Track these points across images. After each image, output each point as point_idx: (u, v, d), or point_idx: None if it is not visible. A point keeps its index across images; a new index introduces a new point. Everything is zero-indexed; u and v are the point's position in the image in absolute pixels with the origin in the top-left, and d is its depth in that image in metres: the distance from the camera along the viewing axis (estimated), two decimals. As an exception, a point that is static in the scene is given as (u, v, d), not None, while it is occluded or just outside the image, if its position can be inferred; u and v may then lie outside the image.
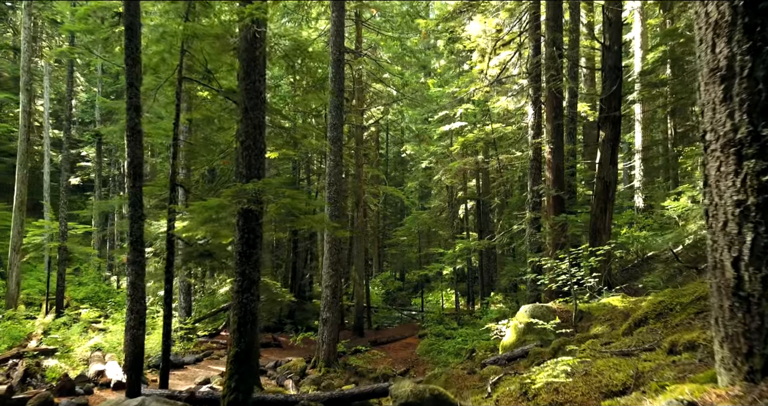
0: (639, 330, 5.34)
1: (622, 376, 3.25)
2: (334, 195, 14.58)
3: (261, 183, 6.62)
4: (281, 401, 8.26)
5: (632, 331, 5.71)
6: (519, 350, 7.93)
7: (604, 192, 12.44)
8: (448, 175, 24.37)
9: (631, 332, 5.69)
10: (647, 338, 4.79)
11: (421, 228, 29.64)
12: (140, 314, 8.20)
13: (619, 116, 12.66)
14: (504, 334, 10.17)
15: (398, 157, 42.41)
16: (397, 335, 21.48)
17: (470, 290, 25.85)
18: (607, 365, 3.58)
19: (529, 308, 8.80)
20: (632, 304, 8.24)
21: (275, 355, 17.02)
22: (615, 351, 4.41)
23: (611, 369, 3.43)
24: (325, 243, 14.62)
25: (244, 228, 6.96)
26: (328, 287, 14.57)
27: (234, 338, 6.82)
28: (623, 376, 3.25)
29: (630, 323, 5.85)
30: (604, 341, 5.29)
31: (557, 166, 13.00)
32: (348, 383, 13.73)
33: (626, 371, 3.33)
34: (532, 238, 13.04)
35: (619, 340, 5.22)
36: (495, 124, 21.23)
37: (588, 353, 4.58)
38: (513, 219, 21.96)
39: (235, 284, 7.01)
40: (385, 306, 30.54)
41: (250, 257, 6.98)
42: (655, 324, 5.37)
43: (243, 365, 6.77)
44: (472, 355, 15.56)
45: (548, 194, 12.80)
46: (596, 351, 4.68)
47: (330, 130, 14.74)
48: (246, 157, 7.08)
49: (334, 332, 14.56)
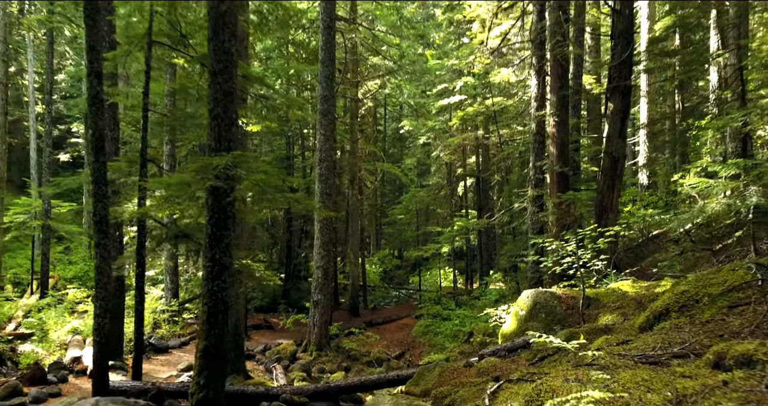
0: (661, 326, 4.62)
1: (658, 400, 2.53)
2: (325, 172, 13.79)
3: (230, 157, 5.84)
4: (262, 394, 7.62)
5: (651, 325, 4.99)
6: (521, 340, 7.25)
7: (611, 168, 11.67)
8: (446, 152, 23.53)
9: (650, 327, 4.98)
10: (673, 337, 4.06)
11: (419, 206, 28.93)
12: (106, 302, 7.48)
13: (629, 86, 11.80)
14: (504, 320, 9.50)
15: (396, 134, 41.44)
16: (394, 316, 20.93)
17: (469, 269, 25.25)
18: (635, 380, 2.87)
19: (532, 293, 8.10)
20: (645, 290, 7.54)
21: (266, 337, 16.45)
22: (638, 356, 3.69)
23: (641, 388, 2.72)
24: (316, 222, 13.89)
25: (214, 207, 6.20)
26: (319, 268, 13.89)
27: (203, 330, 6.12)
28: (659, 400, 2.53)
29: (648, 315, 5.12)
30: (620, 338, 4.58)
31: (562, 140, 12.19)
32: (340, 367, 13.18)
33: (662, 392, 2.61)
34: (534, 217, 12.30)
35: (638, 338, 4.50)
36: (496, 98, 20.33)
37: (604, 357, 3.87)
38: (514, 197, 21.20)
39: (205, 270, 6.28)
40: (383, 285, 30.00)
41: (221, 239, 6.24)
42: (679, 319, 4.65)
43: (213, 360, 6.08)
44: (470, 338, 14.97)
45: (552, 171, 12.02)
46: (613, 354, 3.96)
47: (320, 103, 13.88)
48: (215, 127, 6.27)
49: (326, 314, 13.94)
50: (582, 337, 6.15)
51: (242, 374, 10.77)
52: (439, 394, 5.83)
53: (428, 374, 6.82)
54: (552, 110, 12.15)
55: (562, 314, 7.59)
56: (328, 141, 13.91)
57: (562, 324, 7.49)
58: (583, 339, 6.05)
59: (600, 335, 5.97)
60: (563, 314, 7.59)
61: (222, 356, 6.18)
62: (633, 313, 6.71)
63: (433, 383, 6.47)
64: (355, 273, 21.42)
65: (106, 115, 11.78)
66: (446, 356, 13.28)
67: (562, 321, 7.52)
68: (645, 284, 7.95)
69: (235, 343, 10.74)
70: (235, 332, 10.75)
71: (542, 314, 7.72)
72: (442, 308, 19.55)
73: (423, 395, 6.31)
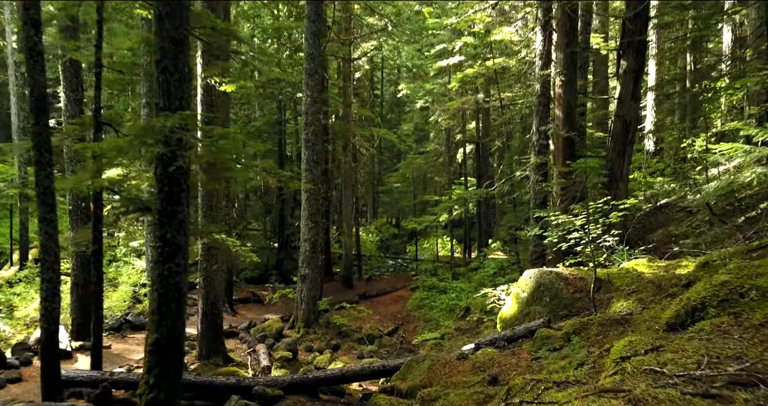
0: (699, 327, 3.73)
1: None
2: (312, 137, 12.76)
3: (178, 117, 4.85)
4: (232, 386, 6.83)
5: (684, 323, 4.10)
6: (522, 328, 6.41)
7: (622, 133, 10.66)
8: (445, 116, 22.35)
9: (682, 325, 4.09)
10: (721, 347, 3.17)
11: (417, 174, 27.93)
12: (53, 283, 6.61)
13: (644, 42, 10.69)
14: (503, 302, 8.67)
15: (394, 98, 40.06)
16: (388, 287, 20.19)
17: (467, 238, 24.40)
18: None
19: (535, 273, 7.22)
20: (663, 271, 6.66)
21: (253, 312, 15.71)
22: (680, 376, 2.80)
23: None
24: (303, 192, 12.94)
25: (164, 179, 5.24)
26: (307, 241, 13.02)
27: (153, 321, 5.25)
28: None
29: (678, 309, 4.23)
30: (646, 341, 3.68)
31: (569, 102, 11.12)
32: (329, 345, 12.47)
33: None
34: (536, 186, 11.35)
35: (670, 341, 3.61)
36: (497, 59, 19.07)
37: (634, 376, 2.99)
38: (515, 164, 20.19)
39: (155, 251, 5.37)
40: (379, 254, 29.27)
41: (173, 216, 5.30)
42: (720, 318, 3.76)
43: (166, 356, 5.23)
44: (466, 314, 14.22)
45: (557, 136, 11.00)
46: (644, 371, 3.08)
47: (307, 62, 12.74)
48: (163, 83, 5.26)
49: (315, 289, 13.14)
50: (594, 328, 5.30)
51: (221, 356, 10.04)
52: (426, 396, 5.01)
53: (417, 367, 6.00)
54: (558, 69, 11.05)
55: (569, 298, 6.73)
56: (315, 103, 12.83)
57: (568, 309, 6.64)
58: (596, 332, 5.20)
59: (616, 328, 5.11)
60: (570, 298, 6.73)
61: (176, 350, 5.33)
62: (652, 299, 5.84)
63: (422, 380, 5.65)
64: (349, 244, 20.60)
65: (68, 74, 10.74)
66: (441, 333, 12.55)
67: (569, 306, 6.67)
68: (663, 263, 7.06)
69: (213, 323, 9.97)
70: (213, 312, 9.96)
71: (546, 298, 6.86)
72: (438, 279, 18.81)
73: (409, 394, 5.49)
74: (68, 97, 10.58)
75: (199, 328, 10.01)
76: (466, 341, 11.70)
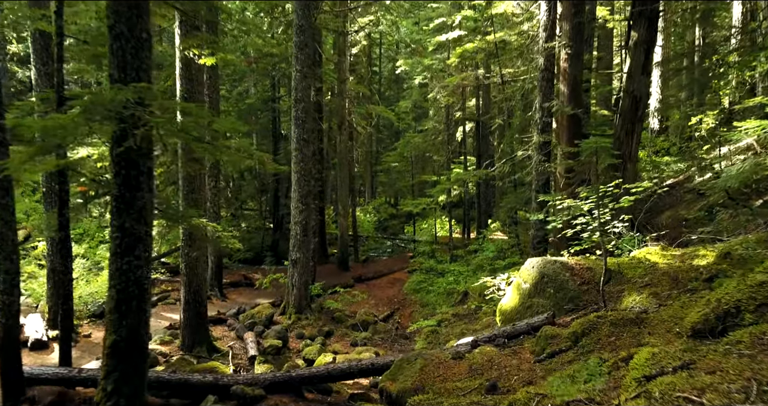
0: (736, 337, 3.15)
1: None
2: (302, 114, 12.07)
3: (131, 91, 4.21)
4: (209, 384, 6.31)
5: (713, 329, 3.53)
6: (524, 324, 5.85)
7: (631, 109, 10.02)
8: (444, 93, 21.57)
9: (713, 332, 3.52)
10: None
11: (415, 153, 27.22)
12: (11, 275, 6.04)
13: (657, 11, 9.96)
14: (503, 292, 8.12)
15: (393, 75, 39.13)
16: (385, 270, 19.70)
17: (466, 218, 23.82)
18: None
19: (538, 263, 6.65)
20: (679, 260, 6.08)
21: (244, 296, 15.22)
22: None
23: None
24: (293, 173, 12.31)
25: (120, 161, 4.62)
26: (297, 224, 12.45)
27: (111, 320, 4.68)
28: None
29: (707, 312, 3.65)
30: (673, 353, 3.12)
31: (575, 77, 10.43)
32: (321, 332, 11.98)
33: None
34: (539, 167, 10.71)
35: (702, 355, 3.04)
36: (498, 33, 18.25)
37: None
38: (515, 143, 19.51)
39: (112, 242, 4.78)
40: (377, 235, 28.76)
41: (131, 203, 4.70)
42: (761, 327, 3.18)
43: (126, 359, 4.68)
44: (464, 299, 13.71)
45: (562, 113, 10.33)
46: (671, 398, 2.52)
47: (296, 34, 11.99)
48: (117, 51, 4.60)
49: (306, 274, 12.61)
50: (605, 329, 4.74)
51: (206, 346, 9.54)
52: (417, 405, 4.46)
53: (408, 368, 5.46)
54: (564, 41, 10.31)
55: (576, 290, 6.17)
56: (305, 79, 12.11)
57: (574, 303, 6.09)
58: (608, 332, 4.64)
59: (630, 330, 4.55)
60: (576, 291, 6.17)
61: (138, 353, 4.78)
62: (668, 294, 5.27)
63: (413, 382, 5.11)
64: (345, 225, 20.03)
65: (38, 46, 10.01)
66: (438, 320, 12.06)
67: (575, 299, 6.11)
68: (677, 252, 6.48)
69: (196, 311, 9.44)
70: (196, 300, 9.43)
71: (550, 290, 6.30)
72: (436, 261, 18.30)
73: (399, 399, 4.96)
74: (39, 72, 9.88)
75: (181, 317, 9.49)
76: (463, 329, 11.21)
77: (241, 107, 22.38)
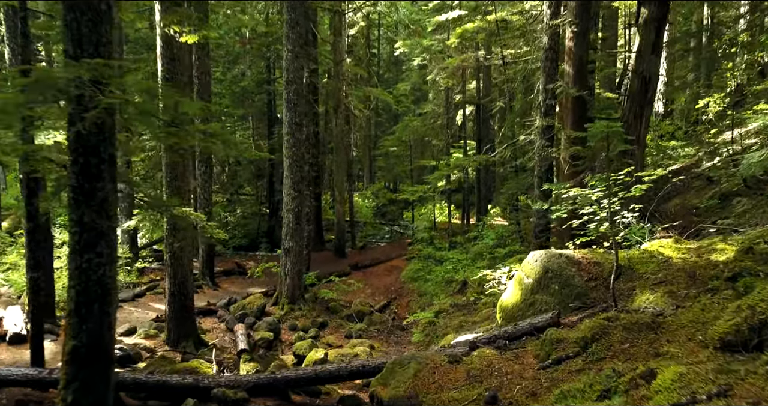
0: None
1: None
2: (293, 97, 11.52)
3: (84, 68, 3.70)
4: (189, 386, 5.89)
5: (746, 342, 3.07)
6: (526, 323, 5.41)
7: (640, 91, 9.48)
8: (443, 75, 20.93)
9: (746, 347, 3.06)
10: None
11: (414, 137, 26.61)
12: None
13: (669, -14, 9.36)
14: (504, 286, 7.67)
15: (392, 57, 38.34)
16: (383, 257, 19.28)
17: (465, 203, 23.30)
18: None
19: (541, 256, 6.18)
20: (695, 254, 5.61)
21: (236, 285, 14.81)
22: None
23: None
24: (285, 158, 11.80)
25: (78, 148, 4.13)
26: (290, 212, 11.97)
27: (70, 325, 4.23)
28: None
29: (739, 322, 3.20)
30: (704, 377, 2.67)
31: (581, 57, 9.87)
32: (314, 324, 11.59)
33: None
34: (542, 152, 10.20)
35: (736, 376, 2.59)
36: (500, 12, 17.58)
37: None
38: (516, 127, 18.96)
39: (71, 238, 4.30)
40: (375, 221, 28.29)
41: (91, 194, 4.21)
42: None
43: (87, 367, 4.24)
44: (463, 289, 13.28)
45: (567, 95, 9.80)
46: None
47: (287, 11, 11.40)
48: (72, 23, 4.08)
49: (300, 263, 12.17)
50: (617, 333, 4.29)
51: (192, 340, 9.14)
52: (409, 418, 4.03)
53: (401, 372, 5.03)
54: (570, 18, 9.73)
55: (582, 287, 5.72)
56: (297, 59, 11.54)
57: (581, 300, 5.64)
58: (621, 338, 4.19)
59: (646, 336, 4.10)
60: (583, 287, 5.72)
61: (101, 359, 4.33)
62: (686, 293, 4.81)
63: (406, 389, 4.69)
64: (341, 212, 19.57)
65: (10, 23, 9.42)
66: (435, 311, 11.64)
67: (581, 296, 5.66)
68: (692, 244, 6.01)
69: (182, 304, 9.01)
70: (181, 293, 8.99)
71: (555, 286, 5.85)
72: (434, 249, 17.87)
73: None
74: (13, 51, 9.31)
75: (166, 310, 9.07)
76: (461, 321, 10.79)
77: (235, 90, 21.74)
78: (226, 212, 25.12)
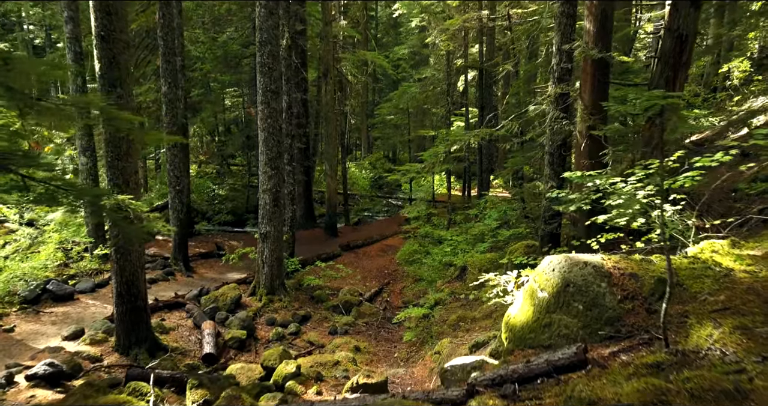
0: None
1: None
2: (268, 60, 9.98)
3: None
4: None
5: None
6: (543, 361, 4.08)
7: (675, 52, 7.95)
8: (443, 37, 19.19)
9: None
10: None
11: (412, 105, 24.97)
12: None
13: None
14: (513, 296, 6.30)
15: (391, 20, 36.25)
16: (377, 235, 18.01)
17: (466, 175, 21.86)
18: None
19: (561, 264, 4.81)
20: (764, 265, 4.24)
21: (214, 270, 13.52)
22: None
23: None
24: (260, 131, 10.34)
25: None
26: (266, 192, 10.60)
27: None
28: None
29: None
30: None
31: (603, 11, 8.28)
32: (296, 317, 10.39)
33: None
34: (555, 124, 8.73)
35: None
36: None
37: None
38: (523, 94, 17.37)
39: None
40: (372, 194, 26.91)
41: None
42: None
43: None
44: (462, 274, 11.99)
45: (587, 57, 8.26)
46: None
47: (259, -40, 9.75)
48: None
49: (278, 249, 10.85)
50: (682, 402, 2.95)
51: (147, 344, 7.90)
52: None
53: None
54: (592, -36, 8.12)
55: (615, 309, 4.37)
56: (272, 16, 9.94)
57: (614, 327, 4.30)
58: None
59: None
60: (616, 309, 4.36)
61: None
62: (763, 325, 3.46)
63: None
64: (333, 186, 18.17)
65: None
66: (430, 303, 10.40)
67: (614, 322, 4.32)
68: (757, 250, 4.64)
69: (132, 305, 7.72)
70: (131, 292, 7.69)
71: (578, 305, 4.51)
72: (432, 227, 16.56)
73: None
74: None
75: (114, 313, 7.79)
76: (460, 316, 9.52)
77: (217, 54, 20.03)
78: (214, 185, 23.74)
